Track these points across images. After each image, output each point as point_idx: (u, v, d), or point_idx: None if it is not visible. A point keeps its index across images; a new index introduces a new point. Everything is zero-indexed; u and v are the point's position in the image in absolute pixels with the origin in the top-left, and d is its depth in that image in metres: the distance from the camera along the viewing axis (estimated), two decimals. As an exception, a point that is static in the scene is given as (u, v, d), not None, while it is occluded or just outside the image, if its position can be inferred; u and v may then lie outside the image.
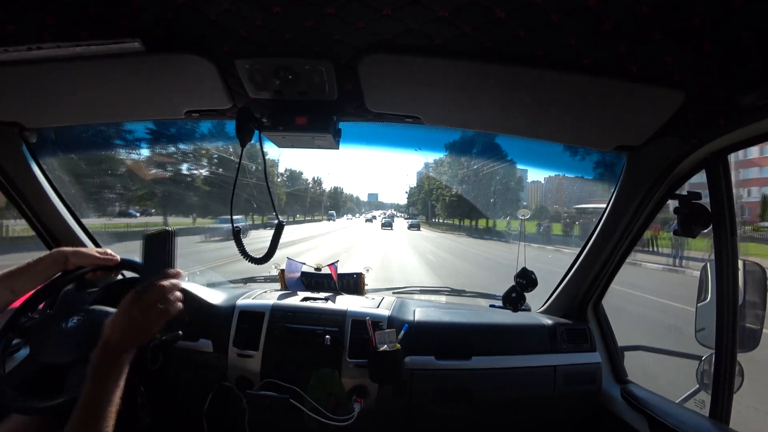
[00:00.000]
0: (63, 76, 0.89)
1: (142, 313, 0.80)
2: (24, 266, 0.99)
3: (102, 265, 1.09)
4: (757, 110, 0.77)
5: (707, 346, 1.11)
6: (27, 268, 0.99)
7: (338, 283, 1.54)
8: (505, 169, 17.46)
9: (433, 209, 31.48)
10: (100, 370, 0.74)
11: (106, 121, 1.19)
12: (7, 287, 0.96)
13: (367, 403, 1.20)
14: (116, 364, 0.76)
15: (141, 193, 14.87)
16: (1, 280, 0.96)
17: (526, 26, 0.68)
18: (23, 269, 0.99)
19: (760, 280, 1.03)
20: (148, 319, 0.81)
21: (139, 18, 0.72)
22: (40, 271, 1.01)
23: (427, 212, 36.76)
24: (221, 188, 16.51)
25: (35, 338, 1.00)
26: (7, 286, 0.96)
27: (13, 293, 0.98)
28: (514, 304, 1.41)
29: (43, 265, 1.02)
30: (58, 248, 1.05)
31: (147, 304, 0.81)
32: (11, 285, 0.97)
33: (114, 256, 1.11)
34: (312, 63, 0.83)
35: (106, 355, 0.76)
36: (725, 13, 0.61)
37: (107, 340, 0.77)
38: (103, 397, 0.71)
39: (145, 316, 0.80)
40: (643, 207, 1.14)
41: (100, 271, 1.11)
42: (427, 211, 36.58)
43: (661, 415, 1.09)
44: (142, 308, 0.80)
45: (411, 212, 45.96)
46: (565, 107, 0.92)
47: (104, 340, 0.78)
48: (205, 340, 1.29)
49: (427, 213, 37.46)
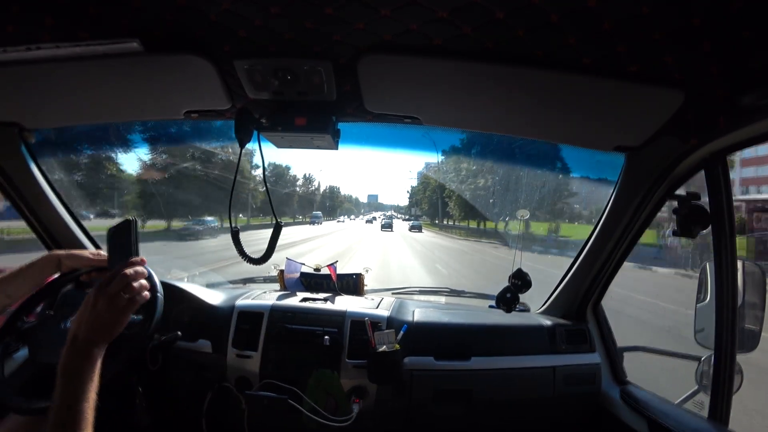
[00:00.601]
0: (62, 77, 0.89)
1: (108, 304, 0.77)
2: (17, 271, 0.99)
3: (96, 266, 1.09)
4: (757, 110, 0.77)
5: (706, 346, 1.11)
6: (20, 272, 1.00)
7: (337, 284, 1.54)
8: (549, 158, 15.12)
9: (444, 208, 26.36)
10: (71, 368, 0.71)
11: (105, 122, 1.19)
12: (2, 292, 0.97)
13: (366, 404, 1.20)
14: (87, 361, 0.72)
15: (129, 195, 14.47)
16: None
17: (525, 26, 0.68)
18: (16, 274, 0.99)
19: (760, 281, 1.03)
20: (115, 311, 0.78)
21: (138, 18, 0.72)
22: (33, 275, 1.01)
23: (436, 212, 33.67)
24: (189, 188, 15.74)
25: (34, 339, 1.00)
26: (1, 291, 0.96)
27: (9, 297, 0.99)
28: (508, 304, 1.40)
29: (36, 268, 1.02)
30: (50, 252, 1.05)
31: (111, 295, 0.77)
32: (5, 290, 0.97)
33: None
34: (311, 63, 0.83)
35: (76, 352, 0.73)
36: (725, 13, 0.60)
37: (74, 336, 0.74)
38: (78, 396, 0.68)
39: (110, 307, 0.77)
40: (642, 207, 1.14)
41: (95, 272, 1.11)
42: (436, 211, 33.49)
43: (660, 416, 1.09)
44: (106, 300, 0.77)
45: (414, 213, 44.20)
46: (565, 107, 0.92)
47: (71, 337, 0.74)
48: (204, 341, 1.29)
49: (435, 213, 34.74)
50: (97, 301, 0.77)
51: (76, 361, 0.71)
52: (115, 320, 0.78)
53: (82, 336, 0.74)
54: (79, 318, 0.76)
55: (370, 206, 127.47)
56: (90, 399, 0.69)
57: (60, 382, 0.69)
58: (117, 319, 0.78)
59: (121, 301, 0.79)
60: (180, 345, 1.23)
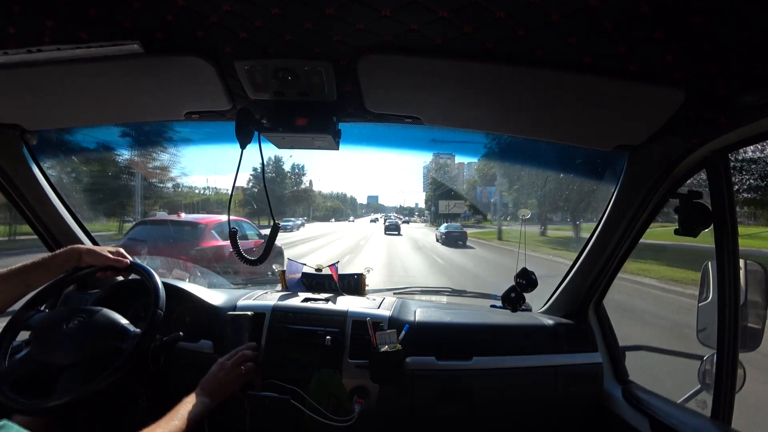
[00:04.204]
0: (63, 79, 0.89)
1: (227, 374, 1.09)
2: (39, 261, 1.01)
3: (112, 266, 1.11)
4: (758, 109, 0.77)
5: (709, 345, 1.11)
6: (42, 262, 1.02)
7: (339, 284, 1.54)
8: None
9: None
10: (187, 406, 0.94)
11: (106, 123, 1.19)
12: (22, 280, 0.99)
13: (367, 404, 1.20)
14: (197, 406, 0.96)
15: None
16: (16, 273, 0.98)
17: (525, 26, 0.68)
18: (38, 264, 1.01)
19: (762, 280, 1.02)
20: (231, 380, 1.09)
21: (139, 20, 0.72)
22: (55, 267, 1.04)
23: (491, 207, 22.18)
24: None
25: (35, 337, 1.01)
26: (21, 280, 0.99)
27: (27, 286, 1.01)
28: (513, 304, 1.41)
29: (59, 260, 1.04)
30: (72, 245, 1.08)
31: (232, 367, 1.11)
32: (26, 278, 0.99)
33: (125, 258, 1.13)
34: (312, 64, 0.83)
35: (196, 396, 0.99)
36: (725, 13, 0.60)
37: (202, 387, 1.03)
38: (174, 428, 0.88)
39: (229, 375, 1.09)
40: (644, 206, 1.14)
41: (110, 271, 1.12)
42: (492, 206, 22.17)
43: (662, 415, 1.09)
44: (228, 370, 1.10)
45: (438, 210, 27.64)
46: (565, 107, 0.92)
47: (201, 386, 1.04)
48: (206, 341, 1.30)
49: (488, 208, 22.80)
50: (221, 369, 1.09)
51: (194, 403, 0.96)
52: (229, 386, 1.08)
53: (207, 390, 1.02)
54: (209, 377, 1.07)
55: (369, 207, 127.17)
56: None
57: (168, 415, 0.90)
58: (230, 386, 1.08)
59: (238, 372, 1.11)
60: (182, 346, 1.23)
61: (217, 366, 1.10)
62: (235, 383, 1.10)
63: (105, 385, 0.94)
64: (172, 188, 20.51)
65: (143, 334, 1.02)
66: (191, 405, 0.95)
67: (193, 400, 0.97)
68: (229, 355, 1.15)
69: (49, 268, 1.02)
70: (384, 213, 79.22)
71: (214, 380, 1.06)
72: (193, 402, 0.96)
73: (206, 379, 1.06)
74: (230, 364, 1.10)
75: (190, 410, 0.93)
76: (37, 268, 1.00)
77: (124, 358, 0.97)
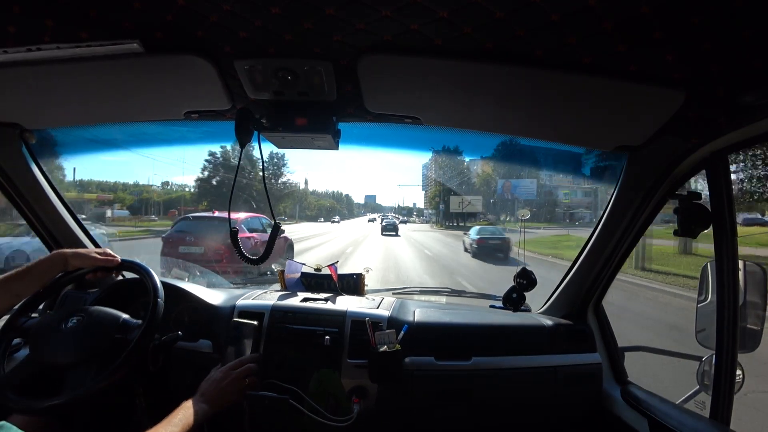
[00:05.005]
0: (63, 78, 0.89)
1: (231, 384, 1.06)
2: (24, 269, 1.00)
3: (102, 266, 1.10)
4: (758, 109, 0.77)
5: (707, 346, 1.11)
6: (28, 271, 1.00)
7: (338, 284, 1.54)
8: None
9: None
10: (187, 411, 0.94)
11: (106, 122, 1.19)
12: (10, 291, 0.97)
13: (366, 404, 1.20)
14: (198, 413, 0.95)
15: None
16: (3, 283, 0.97)
17: (525, 26, 0.68)
18: (24, 272, 0.99)
19: (761, 281, 1.03)
20: (234, 390, 1.06)
21: (139, 19, 0.72)
22: (40, 274, 1.02)
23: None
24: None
25: (35, 338, 1.00)
26: (8, 290, 0.97)
27: (18, 296, 1.00)
28: (514, 304, 1.41)
29: (43, 267, 1.02)
30: (57, 250, 1.06)
31: (236, 378, 1.08)
32: (14, 288, 0.98)
33: (114, 257, 1.12)
34: (311, 64, 0.83)
35: (196, 402, 0.98)
36: (725, 13, 0.60)
37: (203, 393, 1.01)
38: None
39: (231, 386, 1.06)
40: (643, 207, 1.14)
41: (101, 271, 1.11)
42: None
43: (661, 416, 1.09)
44: (231, 381, 1.07)
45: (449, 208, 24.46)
46: (565, 107, 0.92)
47: (201, 391, 1.02)
48: (205, 341, 1.29)
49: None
50: (225, 378, 1.06)
51: (193, 409, 0.95)
52: (230, 396, 1.05)
53: (207, 397, 1.00)
54: (211, 384, 1.04)
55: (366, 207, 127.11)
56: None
57: (166, 420, 0.89)
58: (231, 396, 1.05)
59: (241, 384, 1.08)
60: (180, 345, 1.23)
61: (220, 374, 1.07)
62: (236, 394, 1.07)
63: (115, 378, 0.94)
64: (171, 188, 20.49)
65: (146, 324, 1.01)
66: (190, 411, 0.93)
67: (192, 406, 0.95)
68: (234, 364, 1.11)
69: (34, 276, 1.00)
70: (381, 213, 79.01)
71: (216, 388, 1.03)
72: (193, 408, 0.94)
73: (208, 385, 1.03)
74: (235, 375, 1.08)
75: (189, 417, 0.91)
76: (23, 277, 0.99)
77: (131, 348, 0.97)
